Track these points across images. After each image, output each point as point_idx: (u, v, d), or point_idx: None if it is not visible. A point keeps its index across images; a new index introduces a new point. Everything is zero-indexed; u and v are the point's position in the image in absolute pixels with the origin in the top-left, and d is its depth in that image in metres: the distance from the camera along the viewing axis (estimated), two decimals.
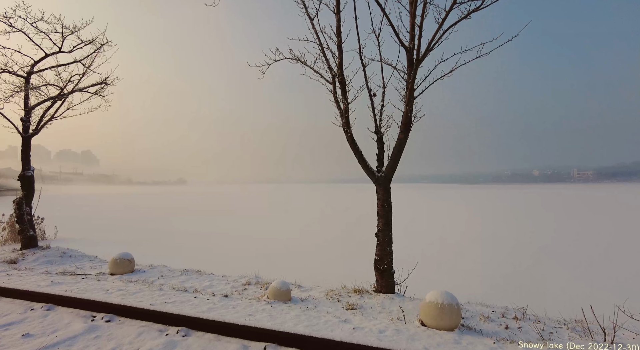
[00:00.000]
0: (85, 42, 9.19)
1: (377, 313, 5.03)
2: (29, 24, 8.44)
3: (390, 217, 5.85)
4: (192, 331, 3.97)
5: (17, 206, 8.89)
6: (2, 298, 5.08)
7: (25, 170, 9.03)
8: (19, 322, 4.29)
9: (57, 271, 7.48)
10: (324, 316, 4.72)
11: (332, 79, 6.29)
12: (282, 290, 5.53)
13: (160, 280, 6.94)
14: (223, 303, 5.18)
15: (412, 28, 5.57)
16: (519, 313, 4.99)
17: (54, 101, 9.21)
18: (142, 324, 4.21)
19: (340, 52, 6.08)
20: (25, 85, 8.84)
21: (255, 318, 4.48)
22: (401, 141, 5.70)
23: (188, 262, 9.89)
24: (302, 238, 17.65)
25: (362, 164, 6.03)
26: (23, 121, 8.96)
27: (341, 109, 6.15)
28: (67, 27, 8.81)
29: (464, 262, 12.16)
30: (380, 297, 5.63)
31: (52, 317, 4.45)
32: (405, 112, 5.62)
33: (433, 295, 4.51)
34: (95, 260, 8.77)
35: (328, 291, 6.06)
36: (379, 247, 5.84)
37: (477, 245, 15.39)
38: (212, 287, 6.53)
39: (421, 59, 5.36)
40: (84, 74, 9.35)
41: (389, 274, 5.82)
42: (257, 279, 7.04)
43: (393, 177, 5.90)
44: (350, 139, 6.04)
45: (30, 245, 9.00)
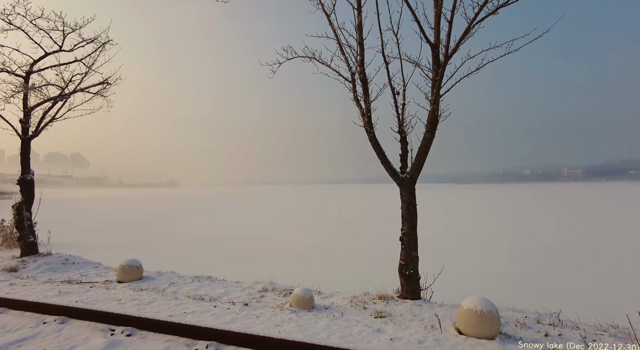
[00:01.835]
0: (86, 41, 8.84)
1: (409, 321, 4.82)
2: (28, 22, 8.08)
3: (416, 220, 5.64)
4: (223, 346, 3.70)
5: (17, 211, 8.51)
6: (10, 311, 4.76)
7: (25, 174, 8.65)
8: (32, 338, 3.98)
9: (62, 279, 7.14)
10: (355, 326, 4.48)
11: (352, 77, 6.07)
12: (306, 298, 5.29)
13: (172, 287, 6.64)
14: (245, 312, 4.93)
15: (437, 24, 5.38)
16: (554, 318, 4.81)
17: (54, 102, 8.84)
18: (166, 338, 3.94)
19: (361, 49, 5.87)
20: (24, 85, 8.46)
21: (284, 329, 4.23)
22: (427, 141, 5.50)
23: (194, 267, 9.61)
24: (308, 240, 17.41)
25: (385, 165, 5.81)
26: (22, 123, 8.58)
27: (362, 108, 5.93)
28: (67, 25, 8.47)
29: (475, 263, 12.04)
30: (407, 303, 5.42)
31: (67, 332, 4.15)
32: (432, 111, 5.42)
33: (471, 302, 4.31)
34: (99, 267, 8.43)
35: (351, 298, 5.82)
36: (404, 252, 5.63)
37: (483, 246, 15.31)
38: (228, 294, 6.26)
39: (450, 55, 5.16)
40: (86, 73, 9.00)
41: (415, 279, 5.62)
42: (273, 285, 6.78)
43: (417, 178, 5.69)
44: (372, 139, 5.82)
45: (31, 252, 8.62)
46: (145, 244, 16.45)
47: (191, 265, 10.35)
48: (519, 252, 13.90)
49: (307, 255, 13.64)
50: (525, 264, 11.83)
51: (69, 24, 8.44)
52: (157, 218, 31.06)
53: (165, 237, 18.66)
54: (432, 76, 5.55)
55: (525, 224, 23.33)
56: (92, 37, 8.93)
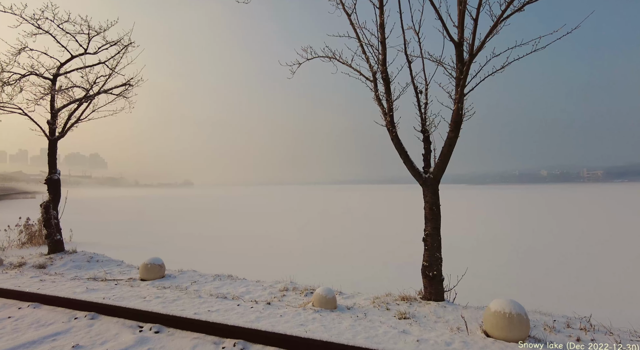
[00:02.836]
0: (110, 43, 9.05)
1: (433, 323, 4.77)
2: (55, 26, 8.32)
3: (439, 220, 5.58)
4: (250, 344, 3.73)
5: (45, 210, 8.76)
6: (43, 306, 4.90)
7: (52, 174, 8.90)
8: (65, 332, 4.09)
9: (88, 276, 7.30)
10: (380, 327, 4.46)
11: (373, 77, 6.04)
12: (328, 298, 5.28)
13: (194, 286, 6.73)
14: (269, 311, 4.95)
15: (461, 22, 5.31)
16: (585, 322, 4.69)
17: (79, 103, 9.07)
18: (194, 336, 3.99)
19: (383, 48, 5.84)
20: (51, 88, 8.71)
21: (309, 328, 4.23)
22: (451, 140, 5.44)
23: (213, 265, 9.69)
24: (325, 240, 17.41)
25: (407, 164, 5.77)
26: (50, 124, 8.83)
27: (384, 108, 5.90)
28: (92, 28, 8.68)
29: (495, 265, 11.84)
30: (431, 305, 5.36)
31: (98, 327, 4.24)
32: (456, 110, 5.36)
33: (499, 304, 4.23)
34: (122, 265, 8.59)
35: (373, 298, 5.79)
36: (427, 253, 5.57)
37: (503, 248, 15.05)
38: (250, 293, 6.31)
39: (475, 53, 5.09)
40: (109, 75, 9.21)
41: (439, 280, 5.55)
42: (294, 285, 6.80)
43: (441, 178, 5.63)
44: (395, 139, 5.79)
45: (57, 249, 8.86)
46: (162, 242, 16.71)
47: (210, 264, 10.45)
48: (541, 255, 13.61)
49: (325, 255, 13.65)
50: (549, 267, 11.58)
51: (94, 27, 8.66)
52: (173, 217, 31.54)
53: (181, 236, 18.93)
54: (456, 75, 5.48)
55: (546, 226, 22.83)
56: (116, 39, 9.14)
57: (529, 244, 15.93)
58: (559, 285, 9.55)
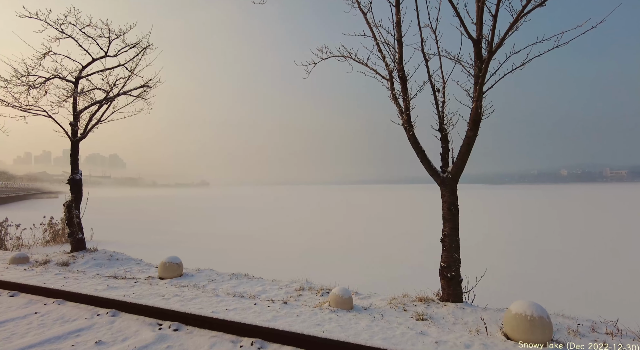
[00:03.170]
0: (129, 46, 9.25)
1: (452, 324, 4.69)
2: (78, 30, 8.56)
3: (458, 221, 5.49)
4: (268, 343, 3.75)
5: (67, 209, 9.02)
6: (67, 302, 5.03)
7: (74, 174, 9.15)
8: (88, 328, 4.19)
9: (108, 274, 7.47)
10: (397, 328, 4.41)
11: (389, 75, 5.99)
12: (345, 298, 5.26)
13: (212, 284, 6.80)
14: (285, 311, 4.96)
15: (479, 19, 5.21)
16: (611, 327, 4.54)
17: (100, 105, 9.31)
18: (212, 334, 4.03)
19: (400, 47, 5.78)
20: (74, 90, 8.96)
21: (326, 328, 4.22)
22: (470, 139, 5.34)
23: (229, 264, 9.79)
24: (339, 240, 17.39)
25: (425, 164, 5.70)
26: (72, 125, 9.09)
27: (400, 106, 5.84)
28: (113, 32, 8.89)
29: (514, 266, 11.60)
30: (449, 306, 5.28)
31: (119, 324, 4.34)
32: (475, 108, 5.26)
33: (520, 307, 4.13)
34: (141, 264, 8.76)
35: (390, 299, 5.74)
36: (446, 254, 5.49)
37: (522, 249, 14.72)
38: (266, 292, 6.34)
39: (494, 50, 4.99)
40: (128, 77, 9.42)
41: (457, 282, 5.46)
42: (309, 285, 6.80)
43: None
44: (412, 138, 5.72)
45: (79, 248, 9.10)
46: (180, 241, 16.99)
47: (226, 263, 10.55)
48: (562, 256, 13.26)
49: (340, 255, 13.62)
50: (571, 269, 11.27)
51: (114, 30, 8.86)
52: (190, 216, 32.02)
53: (198, 235, 19.20)
54: (474, 72, 5.38)
55: (568, 226, 22.24)
56: (134, 42, 9.33)
57: (549, 245, 15.55)
58: (583, 287, 9.28)
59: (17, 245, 12.53)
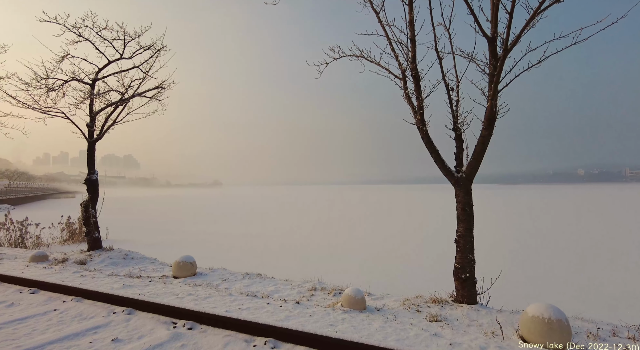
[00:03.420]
0: (144, 48, 9.39)
1: (466, 326, 4.63)
2: (94, 33, 8.74)
3: (472, 221, 5.41)
4: (281, 343, 3.75)
5: (84, 209, 9.21)
6: (85, 300, 5.14)
7: (91, 174, 9.34)
8: (105, 326, 4.27)
9: (124, 273, 7.60)
10: (411, 329, 4.37)
11: (402, 74, 5.95)
12: (357, 298, 5.24)
13: (225, 284, 6.86)
14: (298, 311, 4.97)
15: (494, 16, 5.13)
16: (633, 331, 4.41)
17: (116, 106, 9.49)
18: (225, 333, 4.06)
19: (413, 46, 5.73)
20: (90, 92, 9.15)
21: (339, 329, 4.21)
22: (484, 138, 5.27)
23: (241, 264, 9.86)
24: (351, 240, 17.35)
25: (439, 164, 5.64)
26: (89, 127, 9.28)
27: (414, 106, 5.79)
28: (128, 34, 9.05)
29: (530, 268, 11.39)
30: (463, 308, 5.21)
31: (134, 322, 4.40)
32: (489, 107, 5.18)
33: (537, 309, 4.05)
34: (155, 263, 8.89)
35: (403, 300, 5.70)
36: (460, 255, 5.42)
37: (538, 250, 14.45)
38: (278, 292, 6.37)
39: (510, 48, 4.91)
40: (143, 79, 9.57)
41: (472, 283, 5.39)
42: (322, 285, 6.80)
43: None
44: (425, 138, 5.67)
45: (96, 246, 9.28)
46: (193, 240, 17.18)
47: (239, 262, 10.64)
48: (580, 258, 12.97)
49: (352, 255, 13.59)
50: (589, 271, 11.01)
51: (129, 33, 9.02)
52: (203, 216, 32.37)
53: (210, 235, 19.38)
54: (489, 71, 5.30)
55: (586, 227, 21.74)
56: (149, 44, 9.47)
57: (566, 247, 15.23)
58: (602, 290, 9.06)
59: (36, 243, 12.86)
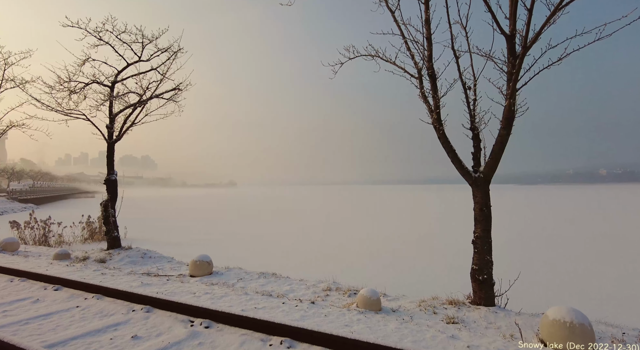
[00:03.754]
0: (161, 50, 9.57)
1: (484, 329, 4.55)
2: (114, 37, 8.96)
3: (490, 222, 5.33)
4: (297, 343, 3.77)
5: (104, 208, 9.44)
6: (105, 297, 5.26)
7: (110, 175, 9.57)
8: (124, 323, 4.36)
9: (142, 271, 7.76)
10: (427, 330, 4.32)
11: (418, 74, 5.89)
12: (373, 299, 5.22)
13: (240, 283, 6.93)
14: (313, 311, 4.97)
15: (512, 13, 5.04)
16: None
17: (134, 108, 9.70)
18: (242, 332, 4.09)
19: (429, 45, 5.67)
20: (110, 94, 9.38)
21: (354, 329, 4.20)
22: (503, 138, 5.17)
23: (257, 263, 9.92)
24: (365, 241, 17.29)
25: (456, 163, 5.56)
26: (108, 128, 9.52)
27: (430, 105, 5.73)
28: (146, 37, 9.23)
29: (549, 270, 11.12)
30: (480, 310, 5.12)
31: (153, 320, 4.48)
32: (508, 106, 5.09)
33: (558, 312, 3.95)
34: (172, 262, 9.05)
35: (419, 301, 5.65)
36: (477, 256, 5.34)
37: (558, 252, 14.10)
38: (293, 291, 6.40)
39: (529, 46, 4.81)
40: (160, 80, 9.76)
41: (489, 285, 5.29)
42: (337, 285, 6.80)
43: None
44: (442, 137, 5.60)
45: (115, 245, 9.50)
46: (208, 240, 17.39)
47: (253, 262, 10.71)
48: (602, 260, 12.60)
49: (367, 256, 13.53)
50: (612, 274, 10.68)
51: (147, 36, 9.21)
52: (218, 215, 32.76)
53: (226, 234, 19.59)
54: (507, 69, 5.20)
55: (609, 229, 21.11)
56: (166, 46, 9.65)
57: (588, 249, 14.82)
58: (627, 294, 8.78)
59: (59, 242, 13.26)
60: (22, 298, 5.40)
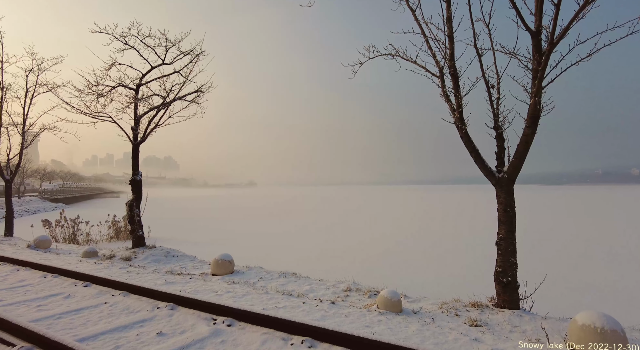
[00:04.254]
0: (184, 53, 9.80)
1: (508, 332, 4.44)
2: (139, 41, 9.24)
3: (514, 223, 5.20)
4: (318, 342, 3.78)
5: (129, 208, 9.73)
6: (131, 294, 5.43)
7: (135, 175, 9.86)
8: (150, 320, 4.49)
9: (165, 270, 7.95)
10: (449, 333, 4.26)
11: (440, 72, 5.81)
12: (394, 300, 5.17)
13: (261, 282, 7.00)
14: (334, 311, 4.98)
15: (538, 9, 4.90)
16: None
17: (158, 110, 9.96)
18: (263, 331, 4.14)
19: (451, 43, 5.59)
20: (135, 97, 9.67)
21: (375, 330, 4.18)
22: (528, 137, 5.04)
23: (277, 262, 10.01)
24: (385, 241, 17.18)
25: (479, 163, 5.46)
26: (133, 130, 9.81)
27: (452, 104, 5.64)
28: (169, 41, 9.47)
29: (577, 273, 10.76)
30: (504, 313, 5.01)
31: (177, 317, 4.59)
32: (533, 104, 4.95)
33: (588, 318, 3.82)
34: (195, 261, 9.23)
35: (441, 303, 5.56)
36: (501, 258, 5.22)
37: (585, 254, 13.61)
38: (313, 291, 6.41)
39: (556, 42, 4.67)
40: (183, 83, 9.98)
41: (513, 287, 5.17)
42: (356, 286, 6.78)
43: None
44: (465, 136, 5.51)
45: (140, 244, 9.78)
46: (228, 239, 17.66)
47: (273, 261, 10.81)
48: (632, 264, 12.08)
49: (386, 257, 13.43)
50: None
51: (170, 39, 9.45)
52: (238, 215, 33.20)
53: (246, 233, 19.84)
54: (532, 67, 5.06)
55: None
56: (188, 49, 9.87)
57: (618, 252, 14.23)
58: None
59: (86, 240, 13.76)
60: (55, 293, 5.64)
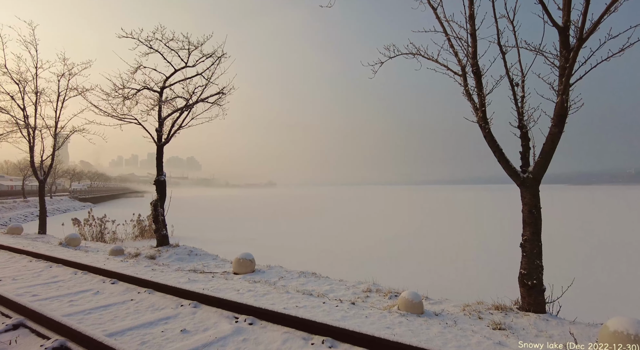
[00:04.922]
0: (206, 56, 10.00)
1: (534, 336, 4.33)
2: (163, 45, 9.49)
3: (540, 225, 5.06)
4: (338, 343, 3.79)
5: (153, 208, 10.00)
6: (156, 292, 5.58)
7: (160, 175, 10.13)
8: (174, 317, 4.60)
9: (188, 268, 8.13)
10: (472, 336, 4.18)
11: (462, 71, 5.71)
12: (415, 302, 5.12)
13: (282, 281, 7.07)
14: (354, 311, 4.97)
15: (567, 3, 4.74)
16: None
17: (181, 112, 10.20)
18: (284, 330, 4.18)
19: (473, 41, 5.48)
20: (159, 99, 9.94)
21: (396, 332, 4.15)
22: (554, 136, 4.89)
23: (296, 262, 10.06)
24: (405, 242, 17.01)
25: (502, 163, 5.33)
26: (157, 131, 10.08)
27: (475, 103, 5.54)
28: (192, 44, 9.69)
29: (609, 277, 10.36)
30: (530, 317, 4.88)
31: (200, 315, 4.69)
32: (560, 102, 4.80)
33: (620, 324, 3.66)
34: (217, 259, 9.41)
35: (463, 306, 5.47)
36: (526, 260, 5.09)
37: (616, 258, 13.08)
38: (333, 291, 6.43)
39: (585, 37, 4.51)
40: (205, 85, 10.19)
41: (539, 290, 5.03)
42: (377, 286, 6.74)
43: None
44: (488, 136, 5.39)
45: (164, 243, 10.04)
46: (249, 238, 17.88)
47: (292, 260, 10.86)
48: None
49: (407, 258, 13.30)
50: None
51: (193, 42, 9.66)
52: (259, 215, 33.57)
53: (266, 233, 20.04)
54: (559, 63, 4.91)
55: None
56: (210, 52, 10.06)
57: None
58: None
59: (113, 238, 14.23)
60: (85, 289, 5.86)
